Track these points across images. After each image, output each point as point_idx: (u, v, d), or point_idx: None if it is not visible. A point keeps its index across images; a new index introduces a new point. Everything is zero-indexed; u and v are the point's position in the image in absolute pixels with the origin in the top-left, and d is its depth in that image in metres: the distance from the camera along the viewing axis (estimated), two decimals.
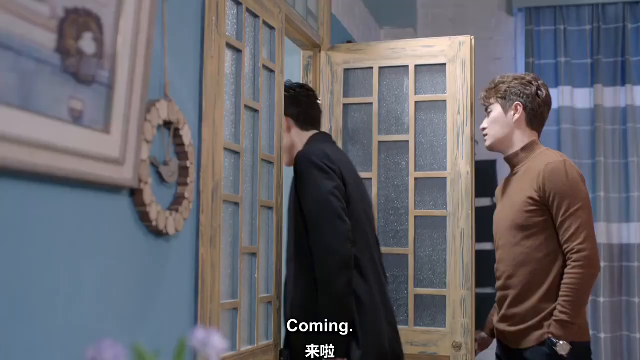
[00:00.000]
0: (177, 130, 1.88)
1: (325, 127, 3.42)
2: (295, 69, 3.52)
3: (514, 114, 2.82)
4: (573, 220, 2.61)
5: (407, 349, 3.06)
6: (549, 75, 4.85)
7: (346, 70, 3.48)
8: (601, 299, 4.71)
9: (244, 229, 2.39)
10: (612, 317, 4.73)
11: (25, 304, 1.36)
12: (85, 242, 1.55)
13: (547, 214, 2.66)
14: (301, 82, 3.45)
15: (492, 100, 2.88)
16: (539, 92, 2.83)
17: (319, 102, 2.94)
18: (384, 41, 4.45)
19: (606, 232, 4.75)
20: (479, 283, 4.62)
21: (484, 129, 2.91)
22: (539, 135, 2.88)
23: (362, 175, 3.31)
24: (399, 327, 2.79)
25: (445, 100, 3.26)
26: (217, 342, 0.99)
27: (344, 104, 3.47)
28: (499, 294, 2.83)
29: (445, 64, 3.27)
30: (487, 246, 4.72)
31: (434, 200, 3.30)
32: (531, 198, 2.67)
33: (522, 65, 4.94)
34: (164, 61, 1.84)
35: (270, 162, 2.63)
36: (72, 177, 1.45)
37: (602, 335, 4.70)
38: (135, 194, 1.71)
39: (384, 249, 3.02)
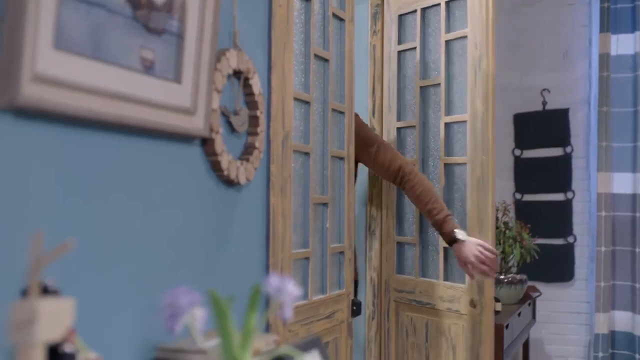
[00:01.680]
0: (246, 79, 1.88)
1: (385, 77, 3.41)
2: (363, 17, 3.48)
3: None
4: None
5: (438, 304, 3.04)
6: (625, 19, 4.66)
7: (400, 16, 3.43)
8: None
9: (314, 179, 2.38)
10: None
11: (99, 253, 1.38)
12: (158, 191, 1.56)
13: None
14: (369, 30, 3.42)
15: None
16: None
17: None
18: None
19: None
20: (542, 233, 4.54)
21: None
22: None
23: (408, 122, 3.27)
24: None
25: (466, 37, 3.08)
26: (291, 288, 0.99)
27: (398, 51, 3.43)
28: None
29: None
30: (557, 197, 4.64)
31: (461, 145, 3.14)
32: None
33: (597, 10, 4.77)
34: (233, 10, 1.83)
35: (341, 112, 2.60)
36: (144, 126, 1.46)
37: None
38: (206, 143, 1.72)
39: None
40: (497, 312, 3.43)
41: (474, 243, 2.78)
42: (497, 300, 3.53)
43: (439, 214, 2.85)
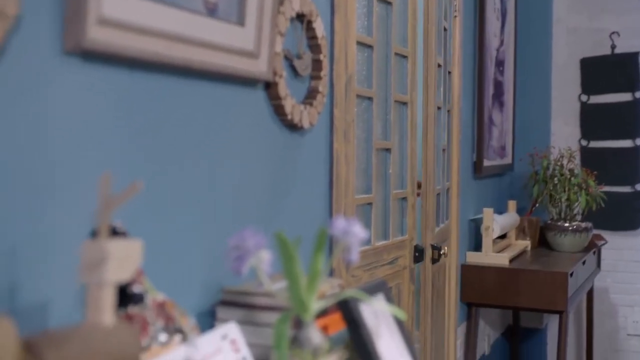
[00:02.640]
0: (309, 22, 1.85)
1: None
2: None
3: None
4: None
5: None
6: None
7: None
8: None
9: (377, 124, 2.36)
10: None
11: (164, 197, 1.39)
12: (222, 136, 1.56)
13: None
14: None
15: None
16: None
17: None
18: None
19: None
20: None
21: None
22: None
23: None
24: None
25: None
26: (358, 231, 0.98)
27: None
28: None
29: None
30: (624, 143, 4.52)
31: None
32: None
33: None
34: None
35: (404, 56, 2.56)
36: (208, 70, 1.46)
37: None
38: (269, 87, 1.71)
39: None
40: None
41: None
42: None
43: None
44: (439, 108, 2.95)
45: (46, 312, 1.12)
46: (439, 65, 2.93)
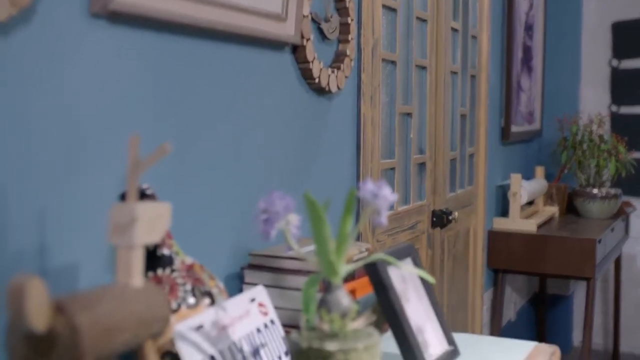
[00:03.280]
0: None
1: None
2: None
3: None
4: None
5: None
6: None
7: None
8: None
9: (400, 88, 2.35)
10: None
11: (192, 160, 1.39)
12: (249, 99, 1.55)
13: None
14: None
15: None
16: None
17: None
18: None
19: None
20: None
21: None
22: None
23: None
24: None
25: None
26: (387, 193, 0.97)
27: None
28: None
29: None
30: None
31: None
32: None
33: None
34: None
35: (424, 20, 2.54)
36: (235, 32, 1.44)
37: None
38: (297, 50, 1.69)
39: None
40: None
41: None
42: None
43: None
44: (454, 73, 2.90)
45: (76, 274, 1.13)
46: (455, 30, 2.88)
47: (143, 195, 1.12)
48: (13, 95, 1.01)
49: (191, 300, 1.15)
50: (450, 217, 2.71)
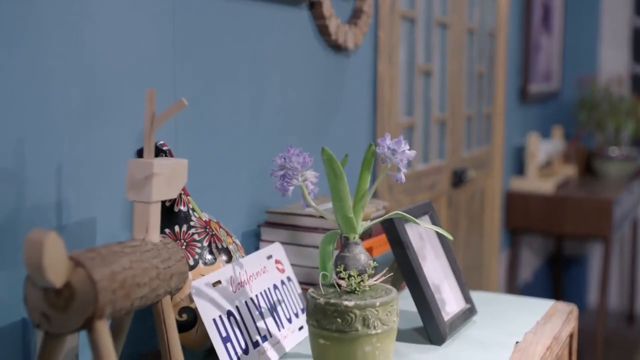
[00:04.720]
0: None
1: None
2: None
3: None
4: None
5: None
6: None
7: None
8: None
9: (419, 46, 2.32)
10: None
11: (209, 116, 1.38)
12: (266, 55, 1.53)
13: None
14: None
15: None
16: None
17: None
18: None
19: None
20: None
21: None
22: None
23: None
24: None
25: None
26: (406, 149, 0.95)
27: None
28: None
29: None
30: None
31: None
32: None
33: None
34: None
35: None
36: None
37: None
38: (314, 7, 1.67)
39: None
40: None
41: None
42: None
43: None
44: (471, 32, 2.86)
45: (93, 229, 1.13)
46: None
47: (160, 152, 1.11)
48: (31, 48, 1.00)
49: (208, 256, 1.15)
50: (464, 177, 2.69)
